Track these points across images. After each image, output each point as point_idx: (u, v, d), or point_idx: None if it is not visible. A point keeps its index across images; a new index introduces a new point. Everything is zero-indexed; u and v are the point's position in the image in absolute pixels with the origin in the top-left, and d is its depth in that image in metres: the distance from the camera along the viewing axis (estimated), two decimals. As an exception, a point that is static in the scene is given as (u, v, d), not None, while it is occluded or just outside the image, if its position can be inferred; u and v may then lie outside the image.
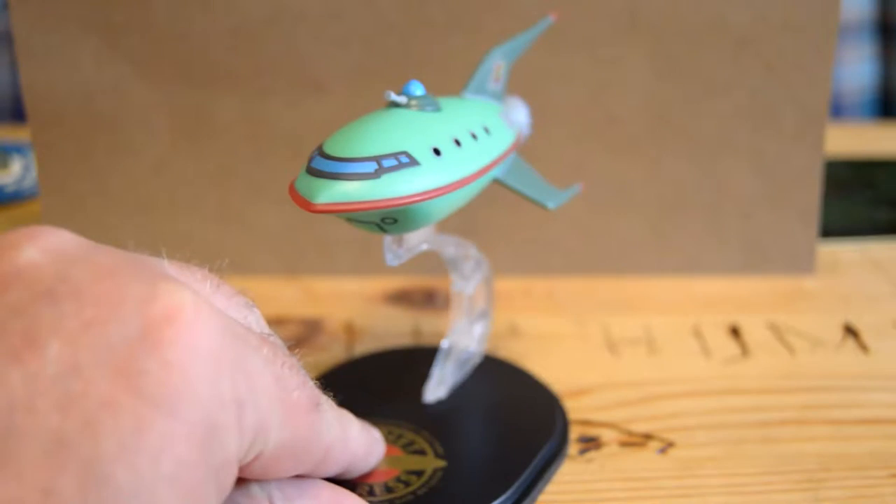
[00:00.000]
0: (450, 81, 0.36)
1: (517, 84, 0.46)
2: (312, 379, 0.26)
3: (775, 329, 0.43)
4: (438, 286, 0.48)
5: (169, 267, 0.24)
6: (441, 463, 0.32)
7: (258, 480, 0.25)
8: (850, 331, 0.43)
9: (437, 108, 0.30)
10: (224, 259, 0.48)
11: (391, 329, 0.44)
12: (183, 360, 0.20)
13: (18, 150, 0.64)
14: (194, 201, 0.48)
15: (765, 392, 0.38)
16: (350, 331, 0.44)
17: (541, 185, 0.35)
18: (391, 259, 0.33)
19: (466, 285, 0.36)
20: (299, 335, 0.43)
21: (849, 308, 0.45)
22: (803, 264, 0.48)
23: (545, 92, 0.46)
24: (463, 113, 0.32)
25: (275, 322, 0.44)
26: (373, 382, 0.38)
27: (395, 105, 0.30)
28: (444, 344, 0.36)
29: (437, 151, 0.28)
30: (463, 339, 0.37)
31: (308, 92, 0.46)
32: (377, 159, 0.27)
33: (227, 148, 0.47)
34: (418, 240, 0.33)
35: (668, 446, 0.35)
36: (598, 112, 0.46)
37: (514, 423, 0.36)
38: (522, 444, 0.34)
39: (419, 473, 0.32)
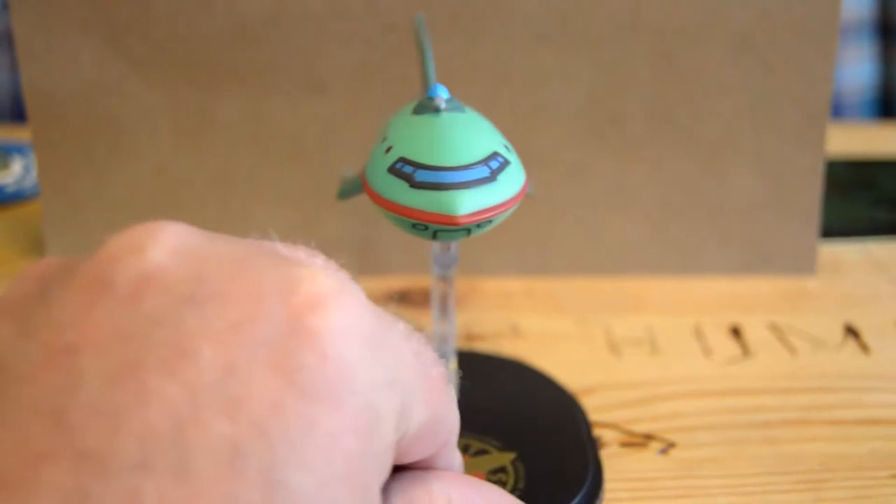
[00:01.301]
0: (451, 81, 0.36)
1: (517, 84, 0.46)
2: None
3: (776, 329, 0.43)
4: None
5: (287, 249, 0.23)
6: (512, 454, 0.33)
7: (437, 477, 0.24)
8: (852, 331, 0.43)
9: (464, 110, 0.30)
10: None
11: (392, 329, 0.44)
12: (338, 347, 0.19)
13: (19, 150, 0.64)
14: (195, 201, 0.48)
15: (766, 392, 0.38)
16: (351, 331, 0.44)
17: None
18: (439, 269, 0.33)
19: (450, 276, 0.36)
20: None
21: (850, 308, 0.45)
22: (804, 264, 0.48)
23: (545, 92, 0.46)
24: (472, 112, 0.32)
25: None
26: None
27: (436, 109, 0.29)
28: (441, 344, 0.36)
29: (507, 148, 0.28)
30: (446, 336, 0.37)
31: (309, 92, 0.46)
32: (485, 163, 0.27)
33: (228, 148, 0.47)
34: (457, 246, 0.33)
35: (669, 447, 0.35)
36: (599, 112, 0.46)
37: (540, 410, 0.36)
38: (564, 428, 0.34)
39: (503, 469, 0.32)
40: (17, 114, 0.83)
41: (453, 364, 0.36)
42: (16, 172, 0.61)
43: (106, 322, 0.18)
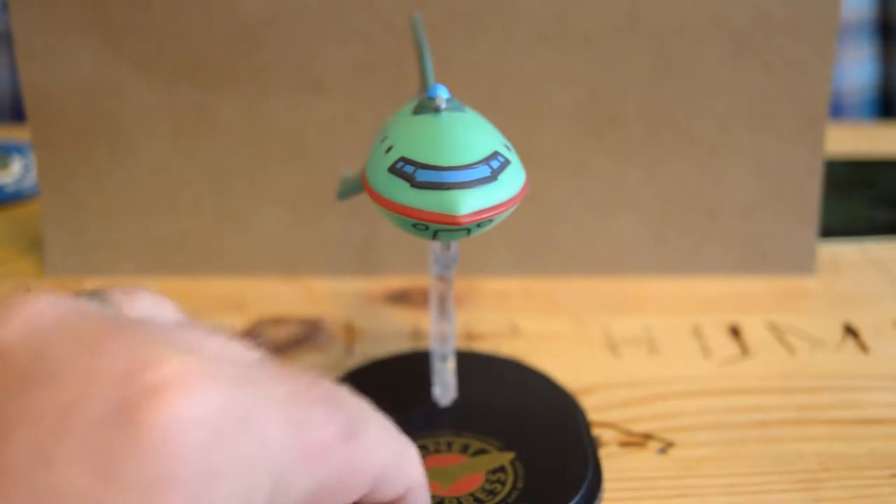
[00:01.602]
0: (450, 81, 0.36)
1: (516, 85, 0.46)
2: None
3: (775, 329, 0.43)
4: (438, 286, 0.48)
5: (174, 329, 0.21)
6: (511, 454, 0.33)
7: None
8: (850, 331, 0.43)
9: (464, 110, 0.30)
10: (224, 259, 0.49)
11: (391, 329, 0.44)
12: (167, 437, 0.18)
13: (18, 149, 0.64)
14: (194, 201, 0.48)
15: (765, 392, 0.38)
16: (350, 331, 0.44)
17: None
18: (439, 269, 0.33)
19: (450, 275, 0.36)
20: (299, 335, 0.43)
21: (849, 308, 0.45)
22: (803, 264, 0.48)
23: (545, 92, 0.46)
24: (472, 112, 0.32)
25: (275, 322, 0.44)
26: (379, 397, 0.38)
27: (437, 109, 0.29)
28: (438, 344, 0.36)
29: (507, 148, 0.28)
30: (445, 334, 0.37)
31: (309, 92, 0.46)
32: (486, 162, 0.27)
33: (227, 147, 0.47)
34: (457, 246, 0.33)
35: (667, 446, 0.35)
36: (597, 112, 0.46)
37: (539, 410, 0.36)
38: (563, 427, 0.35)
39: (502, 469, 0.32)
40: (17, 113, 0.83)
41: (452, 364, 0.36)
42: (15, 172, 0.61)
43: None
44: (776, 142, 0.46)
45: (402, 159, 0.27)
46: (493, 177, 0.27)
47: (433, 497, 0.29)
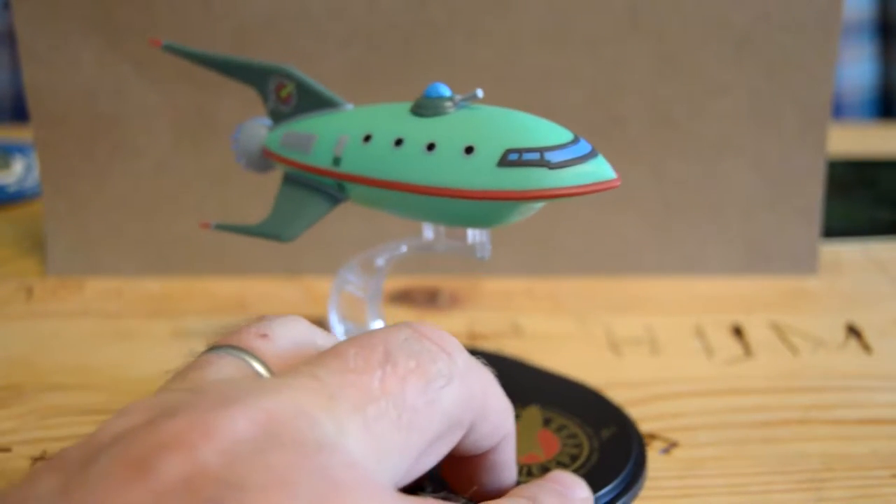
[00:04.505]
0: (451, 81, 0.36)
1: (519, 85, 0.46)
2: None
3: (778, 329, 0.43)
4: (441, 286, 0.48)
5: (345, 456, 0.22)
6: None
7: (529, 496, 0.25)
8: (853, 331, 0.43)
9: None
10: (225, 259, 0.49)
11: (393, 329, 0.44)
12: None
13: (20, 149, 0.64)
14: (195, 201, 0.48)
15: (767, 392, 0.38)
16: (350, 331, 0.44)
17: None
18: (438, 244, 0.34)
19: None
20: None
21: (851, 308, 0.45)
22: (805, 264, 0.48)
23: (546, 92, 0.46)
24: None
25: (277, 322, 0.44)
26: None
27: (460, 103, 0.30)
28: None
29: None
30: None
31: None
32: (575, 140, 0.29)
33: (227, 148, 0.47)
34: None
35: (671, 446, 0.35)
36: (599, 112, 0.46)
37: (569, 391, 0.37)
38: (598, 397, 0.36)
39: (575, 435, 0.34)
40: (18, 113, 0.83)
41: None
42: (17, 172, 0.61)
43: None
44: (778, 142, 0.46)
45: (510, 151, 0.28)
46: (594, 153, 0.29)
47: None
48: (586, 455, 0.32)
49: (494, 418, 0.26)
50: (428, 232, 0.34)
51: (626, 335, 0.43)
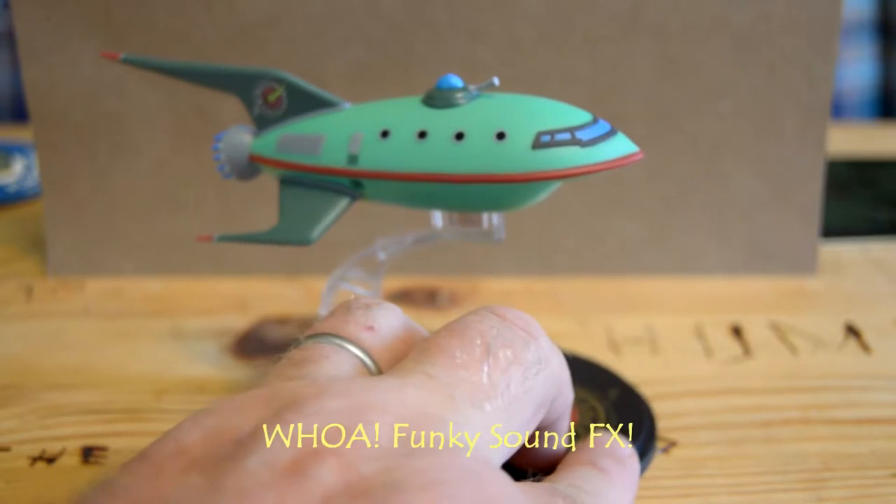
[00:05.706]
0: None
1: (519, 85, 0.46)
2: None
3: (777, 329, 0.43)
4: (440, 286, 0.48)
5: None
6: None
7: (569, 483, 0.26)
8: (852, 331, 0.43)
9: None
10: (226, 259, 0.49)
11: (393, 329, 0.44)
12: None
13: (20, 149, 0.64)
14: (195, 201, 0.48)
15: (767, 392, 0.38)
16: (352, 331, 0.44)
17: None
18: (449, 233, 0.34)
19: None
20: (299, 335, 0.43)
21: (851, 308, 0.45)
22: (805, 264, 0.48)
23: (546, 92, 0.45)
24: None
25: (277, 322, 0.44)
26: None
27: (492, 85, 0.31)
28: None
29: None
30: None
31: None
32: (595, 120, 0.31)
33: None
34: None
35: (671, 446, 0.35)
36: (599, 112, 0.46)
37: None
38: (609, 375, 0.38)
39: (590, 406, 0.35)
40: (18, 113, 0.83)
41: None
42: (17, 172, 0.61)
43: None
44: (778, 142, 0.46)
45: (542, 133, 0.29)
46: (615, 129, 0.30)
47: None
48: (604, 416, 0.34)
49: (566, 390, 0.27)
50: (437, 220, 0.34)
51: (626, 335, 0.43)
